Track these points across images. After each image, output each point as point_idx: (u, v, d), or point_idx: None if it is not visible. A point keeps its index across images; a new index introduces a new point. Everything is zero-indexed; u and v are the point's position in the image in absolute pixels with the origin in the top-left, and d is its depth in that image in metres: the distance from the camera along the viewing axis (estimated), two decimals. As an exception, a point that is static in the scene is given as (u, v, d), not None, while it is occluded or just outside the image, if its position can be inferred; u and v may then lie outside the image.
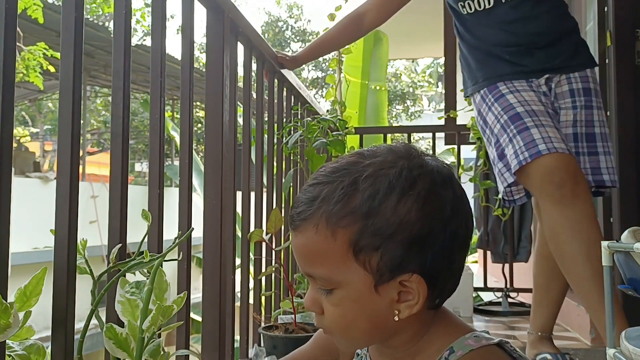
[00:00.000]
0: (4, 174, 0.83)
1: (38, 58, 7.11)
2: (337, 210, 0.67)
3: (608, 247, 1.60)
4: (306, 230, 0.69)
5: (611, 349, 1.61)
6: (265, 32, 20.81)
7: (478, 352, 0.69)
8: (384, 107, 5.87)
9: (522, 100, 1.80)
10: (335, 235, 0.67)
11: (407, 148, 0.73)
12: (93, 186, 8.55)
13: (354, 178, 0.68)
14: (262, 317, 1.89)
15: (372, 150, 0.72)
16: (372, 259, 0.67)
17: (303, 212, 0.70)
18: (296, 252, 0.73)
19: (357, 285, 0.68)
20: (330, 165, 0.72)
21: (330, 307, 0.70)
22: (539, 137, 1.71)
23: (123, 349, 0.93)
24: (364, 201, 0.67)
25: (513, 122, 1.78)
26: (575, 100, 1.88)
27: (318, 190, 0.70)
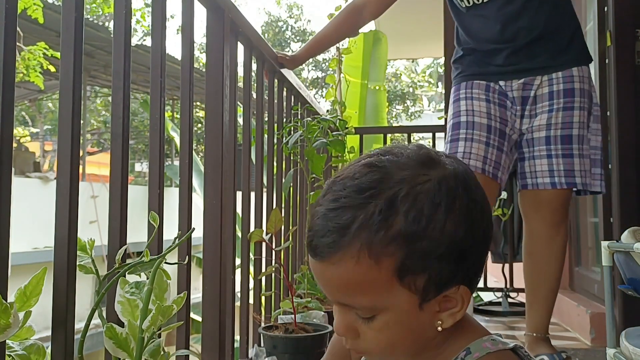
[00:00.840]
0: (4, 174, 0.83)
1: (38, 58, 7.11)
2: (381, 238, 0.62)
3: (608, 247, 1.60)
4: (343, 262, 0.63)
5: (611, 349, 1.61)
6: (265, 32, 20.80)
7: (495, 355, 0.68)
8: (384, 107, 5.87)
9: (470, 110, 1.89)
10: (379, 264, 0.62)
11: (424, 152, 0.68)
12: (93, 186, 8.55)
13: (389, 199, 0.62)
14: (262, 317, 1.89)
15: (390, 160, 0.66)
16: (417, 280, 0.63)
17: (335, 242, 0.63)
18: (328, 283, 0.66)
19: (402, 307, 0.64)
20: (349, 183, 0.65)
21: (372, 332, 0.66)
22: (462, 150, 1.84)
23: (123, 349, 0.93)
24: (409, 224, 0.62)
25: (452, 129, 1.91)
26: (553, 103, 1.87)
27: (349, 216, 0.63)
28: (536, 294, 1.95)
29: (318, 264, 0.66)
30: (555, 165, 1.87)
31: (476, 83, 1.94)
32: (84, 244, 0.98)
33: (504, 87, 1.92)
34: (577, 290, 2.99)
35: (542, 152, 1.89)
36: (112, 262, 1.02)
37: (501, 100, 1.92)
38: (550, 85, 1.89)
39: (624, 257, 1.53)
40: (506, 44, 1.89)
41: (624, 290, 1.56)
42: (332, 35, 2.28)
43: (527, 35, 1.87)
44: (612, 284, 1.64)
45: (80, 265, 0.98)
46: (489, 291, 3.38)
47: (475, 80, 1.94)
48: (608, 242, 1.62)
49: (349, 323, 0.67)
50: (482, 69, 1.94)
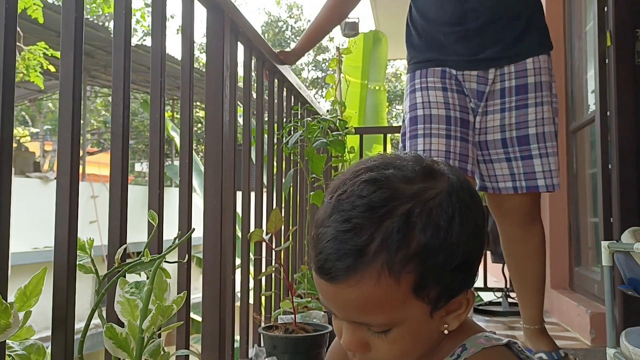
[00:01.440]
0: (4, 174, 0.83)
1: (38, 58, 7.11)
2: (401, 257, 0.61)
3: (608, 247, 1.61)
4: (362, 283, 0.62)
5: (611, 349, 1.61)
6: (265, 32, 20.81)
7: (489, 351, 0.69)
8: (383, 107, 5.87)
9: (427, 102, 1.77)
10: (399, 282, 0.62)
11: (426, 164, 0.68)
12: (93, 186, 8.54)
13: (404, 216, 0.62)
14: (262, 317, 1.89)
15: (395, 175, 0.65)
16: (431, 292, 0.64)
17: (353, 265, 0.61)
18: (343, 304, 0.65)
19: (416, 318, 0.65)
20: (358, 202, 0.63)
21: (386, 345, 0.66)
22: (422, 148, 1.73)
23: (123, 349, 0.93)
24: (428, 240, 0.62)
25: (410, 124, 1.80)
26: (505, 101, 1.77)
27: (365, 237, 0.62)
28: (524, 290, 1.93)
29: (332, 287, 0.64)
30: (515, 168, 1.78)
31: (431, 70, 1.80)
32: (83, 243, 0.98)
33: (458, 77, 1.80)
34: (577, 290, 2.99)
35: (499, 155, 1.80)
36: (112, 262, 1.02)
37: (459, 87, 1.80)
38: (502, 81, 1.77)
39: (624, 257, 1.53)
40: (456, 27, 1.76)
41: (624, 290, 1.56)
42: (324, 23, 2.20)
43: (476, 19, 1.74)
44: (612, 284, 1.64)
45: (80, 264, 0.98)
46: (489, 291, 3.38)
47: (430, 68, 1.81)
48: (608, 242, 1.62)
49: (361, 339, 0.67)
50: (436, 54, 1.81)
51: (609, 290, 1.64)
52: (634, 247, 1.43)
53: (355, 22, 6.04)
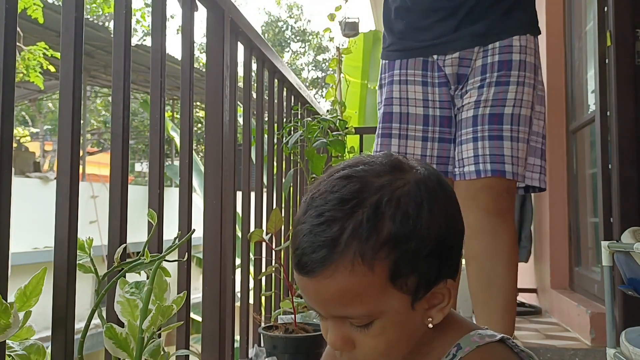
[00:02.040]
0: (4, 174, 0.83)
1: (38, 58, 7.11)
2: (373, 244, 0.63)
3: (608, 247, 1.60)
4: (337, 273, 0.63)
5: (611, 349, 1.61)
6: (265, 32, 20.80)
7: (484, 349, 0.69)
8: (384, 107, 5.87)
9: (404, 98, 1.65)
10: (373, 270, 0.63)
11: (394, 158, 0.70)
12: (93, 186, 8.54)
13: (374, 205, 0.64)
14: (262, 317, 1.89)
15: (366, 170, 0.67)
16: (409, 282, 0.65)
17: (327, 256, 0.63)
18: (322, 298, 0.66)
19: (396, 309, 0.66)
20: (330, 197, 0.66)
21: (370, 339, 0.67)
22: (395, 150, 1.60)
23: (123, 349, 0.93)
24: (397, 227, 0.63)
25: (384, 120, 1.67)
26: (486, 77, 1.60)
27: (337, 228, 0.63)
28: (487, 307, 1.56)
29: (310, 281, 0.65)
30: (480, 149, 1.56)
31: (412, 61, 1.66)
32: (82, 242, 0.98)
33: (439, 63, 1.64)
34: (577, 290, 2.99)
35: (468, 134, 1.59)
36: (112, 261, 1.02)
37: (441, 79, 1.65)
38: (485, 57, 1.61)
39: (624, 257, 1.53)
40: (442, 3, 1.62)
41: (624, 290, 1.56)
42: None
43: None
44: (612, 284, 1.64)
45: (79, 264, 0.98)
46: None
47: (411, 58, 1.66)
48: (608, 242, 1.62)
49: (345, 335, 0.67)
50: (417, 41, 1.66)
51: (609, 290, 1.64)
52: (634, 247, 1.43)
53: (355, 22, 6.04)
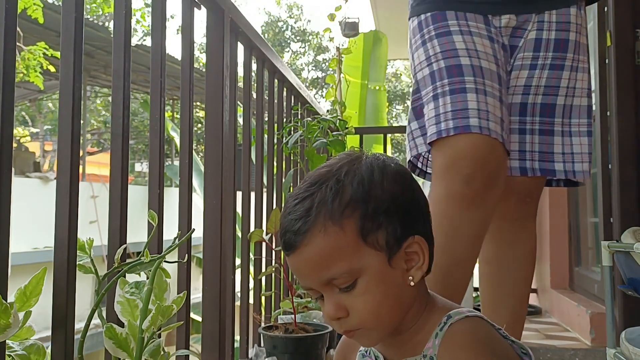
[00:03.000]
0: (4, 174, 0.83)
1: (38, 58, 7.11)
2: (337, 206, 0.73)
3: (608, 247, 1.60)
4: (313, 239, 0.72)
5: (611, 349, 1.61)
6: (265, 32, 20.80)
7: (473, 319, 0.74)
8: (384, 108, 5.87)
9: (472, 50, 1.33)
10: (343, 228, 0.72)
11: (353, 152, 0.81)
12: (93, 186, 8.54)
13: (335, 178, 0.75)
14: (262, 317, 1.89)
15: (330, 163, 0.79)
16: (379, 238, 0.73)
17: (302, 226, 0.73)
18: (307, 266, 0.74)
19: (375, 266, 0.73)
20: (302, 185, 0.77)
21: (357, 299, 0.73)
22: (475, 107, 1.27)
23: (123, 349, 0.93)
24: (355, 189, 0.74)
25: (450, 74, 1.31)
26: (539, 56, 1.39)
27: (307, 203, 0.74)
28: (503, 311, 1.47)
29: (295, 256, 0.74)
30: (529, 144, 1.41)
31: (471, 15, 1.36)
32: (82, 243, 0.98)
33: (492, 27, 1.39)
34: (577, 290, 2.99)
35: (513, 123, 1.41)
36: (112, 262, 1.02)
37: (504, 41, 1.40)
38: (540, 30, 1.40)
39: (624, 257, 1.53)
40: None
41: (624, 290, 1.56)
42: None
43: None
44: (612, 284, 1.64)
45: (79, 264, 0.98)
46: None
47: (470, 10, 1.36)
48: (608, 242, 1.62)
49: (336, 302, 0.74)
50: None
51: (609, 290, 1.64)
52: (634, 247, 1.43)
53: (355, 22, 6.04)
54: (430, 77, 1.35)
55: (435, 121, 1.30)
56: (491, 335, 0.74)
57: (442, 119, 1.29)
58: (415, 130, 1.41)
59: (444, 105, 1.30)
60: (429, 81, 1.35)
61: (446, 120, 1.28)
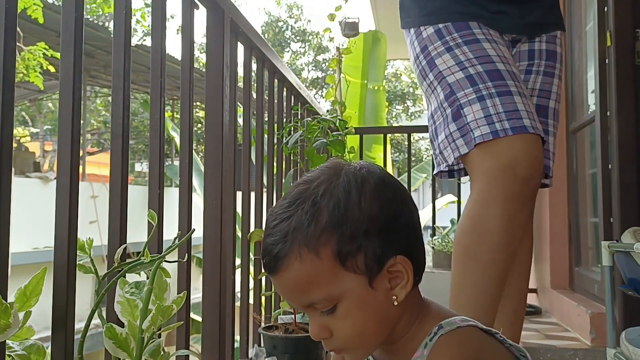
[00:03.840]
0: (4, 174, 0.83)
1: (38, 58, 7.11)
2: (312, 232, 0.71)
3: (608, 247, 1.60)
4: (290, 265, 0.71)
5: (611, 349, 1.61)
6: (265, 32, 20.79)
7: (464, 330, 0.72)
8: (383, 107, 5.87)
9: (503, 57, 1.39)
10: (319, 255, 0.70)
11: (336, 161, 0.79)
12: (93, 186, 8.54)
13: (311, 200, 0.72)
14: (262, 317, 1.89)
15: (310, 176, 0.77)
16: (358, 261, 0.71)
17: (279, 251, 0.72)
18: (287, 290, 0.74)
19: (355, 290, 0.71)
20: (281, 202, 0.75)
21: (339, 323, 0.73)
22: (524, 109, 1.33)
23: (123, 349, 0.93)
24: (331, 213, 0.71)
25: (492, 78, 1.35)
26: (534, 63, 1.52)
27: (284, 226, 0.72)
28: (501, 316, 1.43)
29: (275, 279, 0.74)
30: None
31: (490, 26, 1.45)
32: (82, 243, 0.98)
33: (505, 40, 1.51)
34: (577, 290, 2.99)
35: None
36: (112, 262, 1.02)
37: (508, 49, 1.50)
38: (532, 42, 1.53)
39: (624, 257, 1.53)
40: None
41: (624, 290, 1.56)
42: None
43: None
44: (612, 284, 1.64)
45: (79, 264, 0.98)
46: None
47: (489, 24, 1.45)
48: (608, 242, 1.62)
49: (320, 323, 0.74)
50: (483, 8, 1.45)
51: (609, 290, 1.64)
52: (634, 247, 1.43)
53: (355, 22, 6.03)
54: (469, 79, 1.36)
55: (487, 121, 1.32)
56: (482, 347, 0.73)
57: (495, 119, 1.32)
58: (455, 132, 1.38)
59: (494, 106, 1.33)
60: (468, 83, 1.36)
61: (500, 120, 1.31)
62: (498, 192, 1.31)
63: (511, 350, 0.75)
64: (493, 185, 1.32)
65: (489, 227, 1.31)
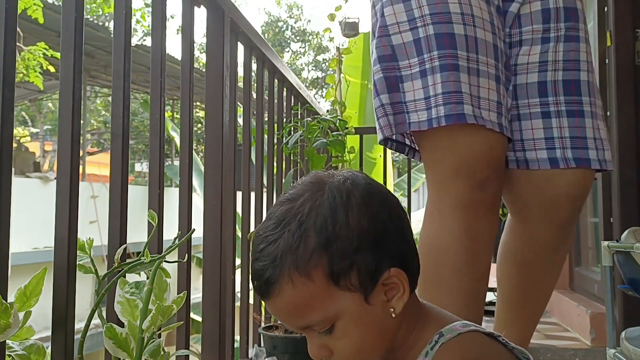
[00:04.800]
0: (4, 174, 0.83)
1: (38, 58, 7.11)
2: (301, 255, 0.68)
3: (608, 247, 1.60)
4: (282, 290, 0.69)
5: (611, 349, 1.61)
6: (265, 32, 20.80)
7: (466, 336, 0.71)
8: (384, 107, 5.87)
9: (468, 15, 1.10)
10: (311, 277, 0.68)
11: (318, 174, 0.76)
12: (93, 186, 8.54)
13: (297, 220, 0.70)
14: (262, 317, 1.89)
15: (293, 193, 0.74)
16: (351, 279, 0.69)
17: (270, 276, 0.70)
18: (281, 314, 0.73)
19: (352, 308, 0.70)
20: (267, 223, 0.73)
21: (338, 342, 0.72)
22: (467, 91, 1.07)
23: (123, 349, 0.93)
24: (318, 233, 0.69)
25: (440, 45, 1.08)
26: (550, 27, 1.19)
27: (272, 250, 0.70)
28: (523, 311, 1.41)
29: (269, 303, 0.72)
30: (556, 129, 1.18)
31: None
32: (82, 243, 0.98)
33: None
34: (577, 290, 2.99)
35: (533, 107, 1.19)
36: (112, 262, 1.02)
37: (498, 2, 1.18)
38: None
39: (624, 257, 1.53)
40: None
41: (624, 290, 1.56)
42: None
43: None
44: (612, 284, 1.64)
45: (80, 264, 0.98)
46: (489, 291, 3.36)
47: None
48: (608, 242, 1.62)
49: (319, 343, 0.73)
50: None
51: (609, 290, 1.64)
52: (634, 247, 1.43)
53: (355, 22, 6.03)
54: (415, 45, 1.11)
55: (425, 105, 1.09)
56: (484, 351, 0.72)
57: (432, 102, 1.08)
58: (387, 105, 1.14)
59: (435, 84, 1.08)
60: (414, 51, 1.11)
61: (437, 105, 1.07)
62: (450, 201, 1.11)
63: (514, 353, 0.74)
64: (443, 194, 1.12)
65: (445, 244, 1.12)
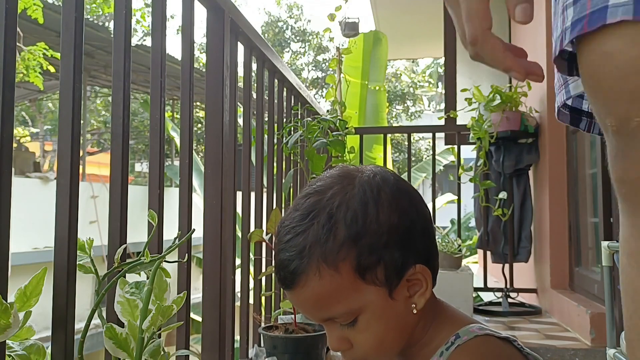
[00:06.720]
0: (4, 174, 0.83)
1: (38, 58, 7.10)
2: (331, 247, 0.69)
3: (608, 247, 1.60)
4: (309, 281, 0.70)
5: (611, 349, 1.61)
6: (265, 32, 20.79)
7: (481, 339, 0.72)
8: (383, 108, 5.87)
9: None
10: (339, 270, 0.69)
11: (347, 168, 0.77)
12: (93, 186, 8.54)
13: (327, 213, 0.70)
14: (262, 317, 1.89)
15: (321, 185, 0.74)
16: (378, 274, 0.70)
17: (296, 267, 0.70)
18: (305, 306, 0.73)
19: (376, 302, 0.71)
20: (293, 214, 0.73)
21: (359, 335, 0.72)
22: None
23: (123, 349, 0.93)
24: (349, 227, 0.69)
25: None
26: None
27: (300, 241, 0.70)
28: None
29: (292, 294, 0.72)
30: None
31: None
32: (82, 243, 0.98)
33: None
34: (577, 290, 2.99)
35: None
36: (112, 262, 1.02)
37: None
38: None
39: (624, 257, 1.53)
40: None
41: (624, 290, 1.56)
42: None
43: None
44: (612, 284, 1.64)
45: (80, 264, 0.98)
46: (489, 291, 3.38)
47: None
48: (608, 242, 1.62)
49: (339, 336, 0.73)
50: None
51: (608, 290, 1.64)
52: (634, 247, 1.43)
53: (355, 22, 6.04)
54: None
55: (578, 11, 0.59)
56: (500, 355, 0.72)
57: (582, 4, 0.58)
58: None
59: None
60: None
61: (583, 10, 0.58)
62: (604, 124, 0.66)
63: (529, 358, 0.74)
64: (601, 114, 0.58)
65: None
